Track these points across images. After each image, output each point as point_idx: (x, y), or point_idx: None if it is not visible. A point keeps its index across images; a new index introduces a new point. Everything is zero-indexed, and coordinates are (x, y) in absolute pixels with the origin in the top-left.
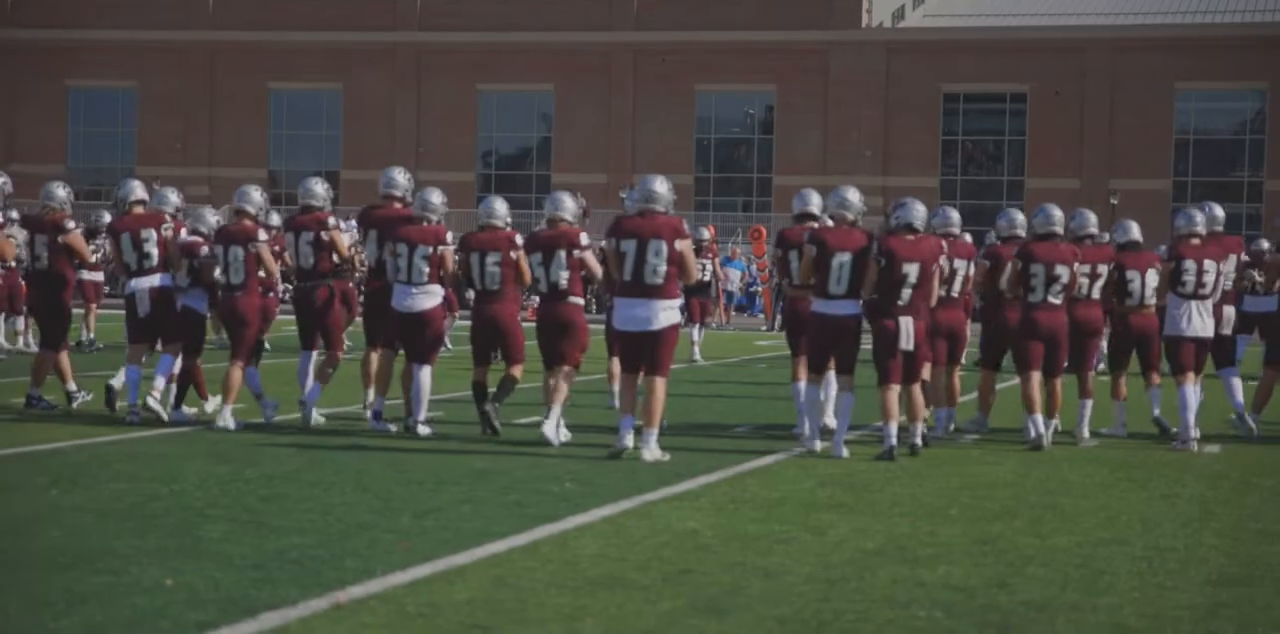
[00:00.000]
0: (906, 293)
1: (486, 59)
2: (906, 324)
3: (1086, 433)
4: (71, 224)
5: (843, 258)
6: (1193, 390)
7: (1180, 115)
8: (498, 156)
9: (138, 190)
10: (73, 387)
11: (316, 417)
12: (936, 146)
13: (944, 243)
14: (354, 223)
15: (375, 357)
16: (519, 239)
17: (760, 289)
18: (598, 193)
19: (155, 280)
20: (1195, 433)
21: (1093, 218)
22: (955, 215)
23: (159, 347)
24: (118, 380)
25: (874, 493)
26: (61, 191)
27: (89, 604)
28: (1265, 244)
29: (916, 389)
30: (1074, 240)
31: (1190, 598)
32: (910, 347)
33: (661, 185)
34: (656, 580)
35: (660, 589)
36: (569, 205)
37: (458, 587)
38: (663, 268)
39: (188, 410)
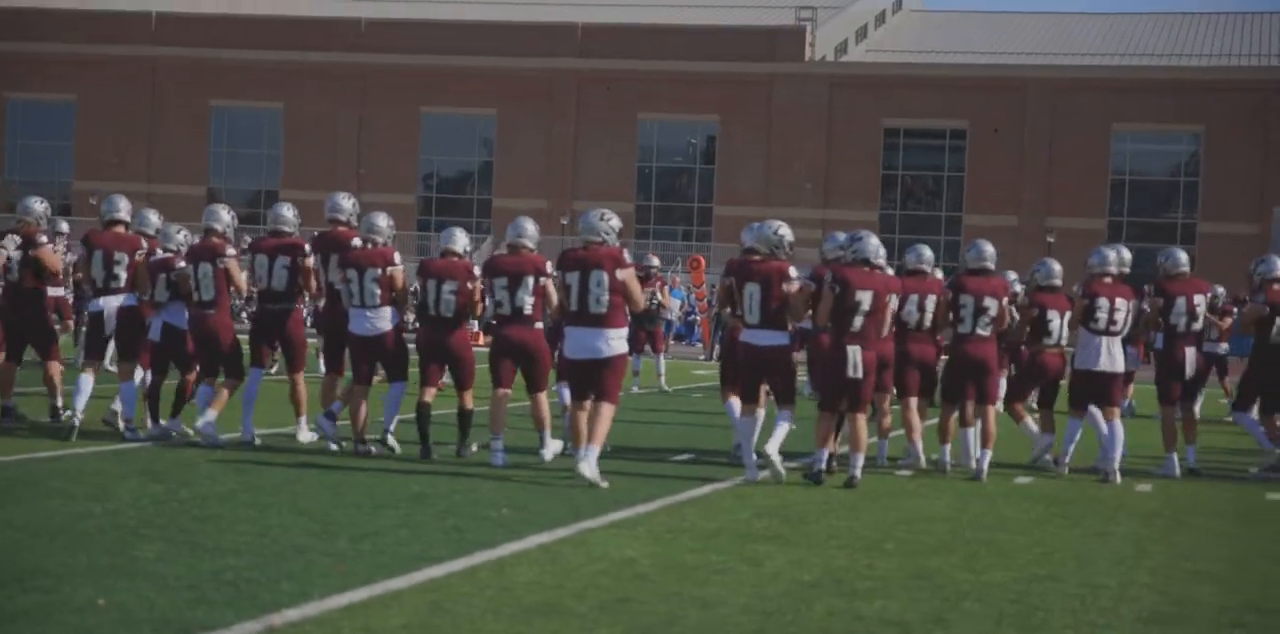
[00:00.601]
0: (859, 321)
1: (430, 82)
2: (854, 353)
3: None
4: (44, 238)
5: (752, 288)
6: (1117, 423)
7: (1116, 156)
8: (439, 179)
9: (121, 209)
10: (59, 402)
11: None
12: (877, 180)
13: (895, 279)
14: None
15: (335, 381)
16: (477, 270)
17: (699, 318)
18: (539, 219)
19: (121, 299)
20: (1114, 464)
21: (1183, 256)
22: (928, 252)
23: (108, 364)
24: (118, 404)
25: (810, 525)
26: (39, 206)
27: (19, 623)
28: (1220, 290)
29: (860, 419)
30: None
31: None
32: (858, 375)
33: (599, 218)
34: (593, 608)
35: (597, 617)
36: (531, 231)
37: (394, 611)
38: (605, 297)
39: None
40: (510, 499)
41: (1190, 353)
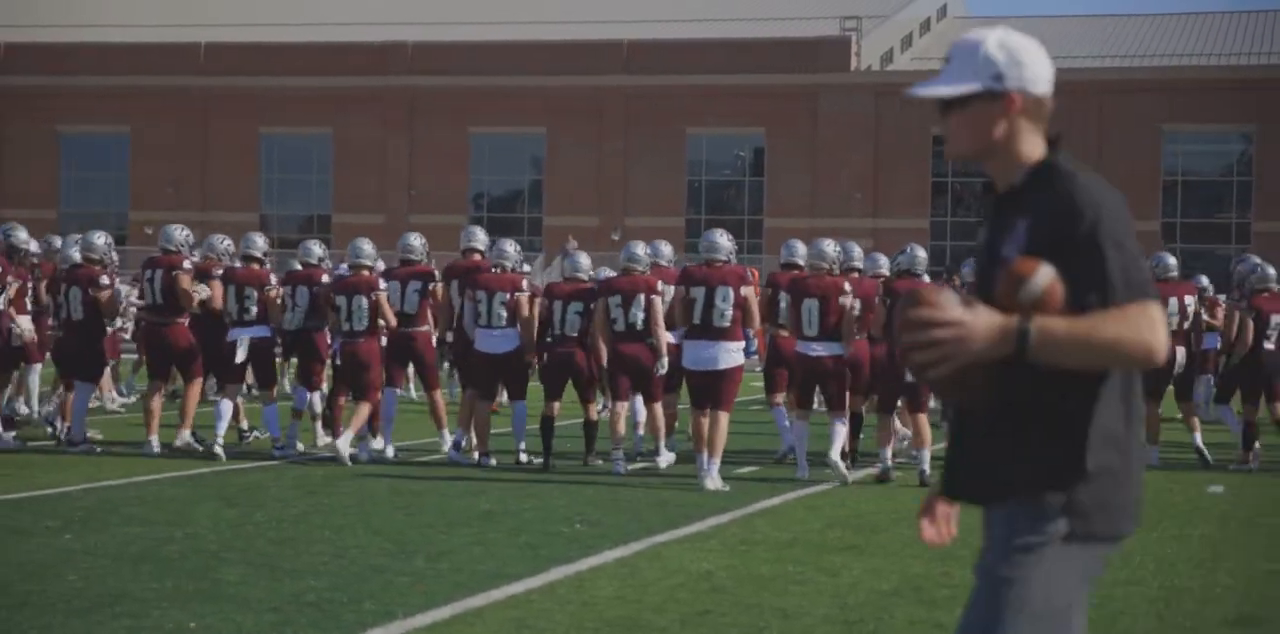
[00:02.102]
0: None
1: (477, 103)
2: None
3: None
4: (106, 279)
5: (811, 303)
6: None
7: (1168, 157)
8: (489, 199)
9: (256, 246)
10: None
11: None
12: (926, 188)
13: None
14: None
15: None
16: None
17: (753, 330)
18: (590, 236)
19: (254, 331)
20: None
21: (1171, 260)
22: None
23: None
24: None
25: (883, 534)
26: (100, 241)
27: None
28: (1204, 280)
29: (922, 417)
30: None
31: None
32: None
33: (722, 237)
34: (675, 622)
35: (679, 631)
36: (642, 255)
37: (477, 629)
38: (730, 312)
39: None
40: (581, 514)
41: (1180, 351)
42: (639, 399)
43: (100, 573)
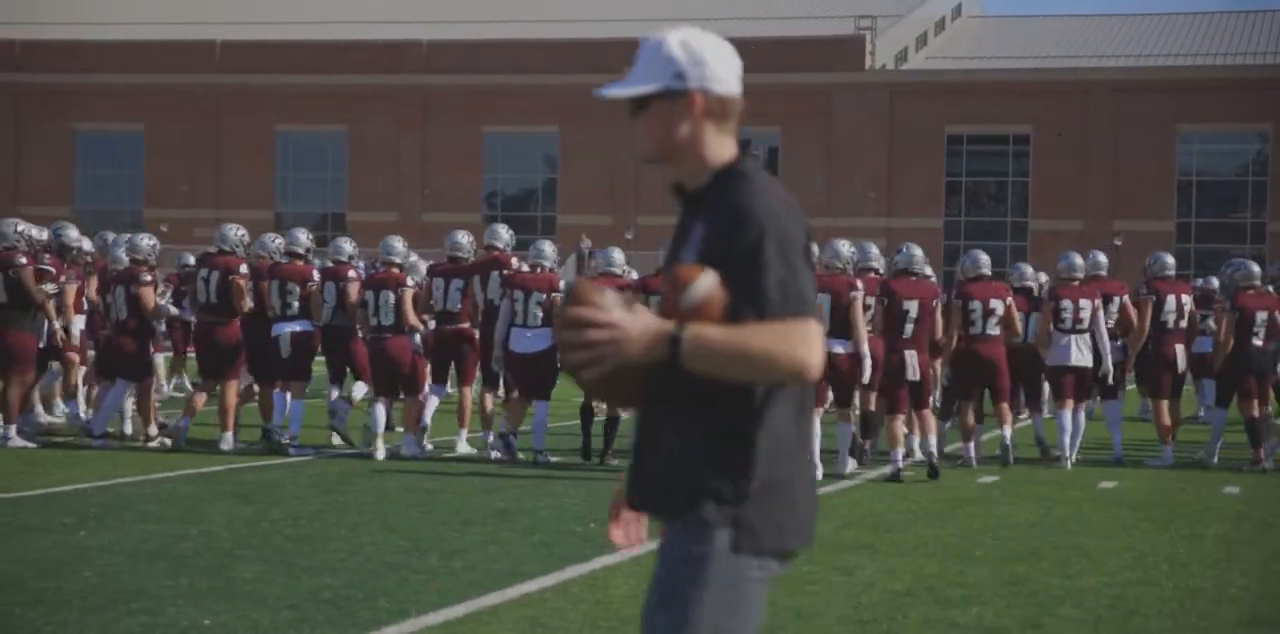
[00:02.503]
0: (909, 328)
1: (491, 101)
2: (911, 357)
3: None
4: (147, 277)
5: (821, 298)
6: (1069, 415)
7: (1182, 157)
8: (503, 198)
9: (301, 242)
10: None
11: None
12: (940, 188)
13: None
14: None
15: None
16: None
17: None
18: (604, 234)
19: (296, 325)
20: (1071, 454)
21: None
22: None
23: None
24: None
25: (898, 534)
26: (146, 242)
27: None
28: (1214, 282)
29: (927, 412)
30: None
31: None
32: (916, 377)
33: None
34: None
35: None
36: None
37: (492, 627)
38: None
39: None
40: (595, 513)
41: (1180, 349)
42: None
43: (115, 570)
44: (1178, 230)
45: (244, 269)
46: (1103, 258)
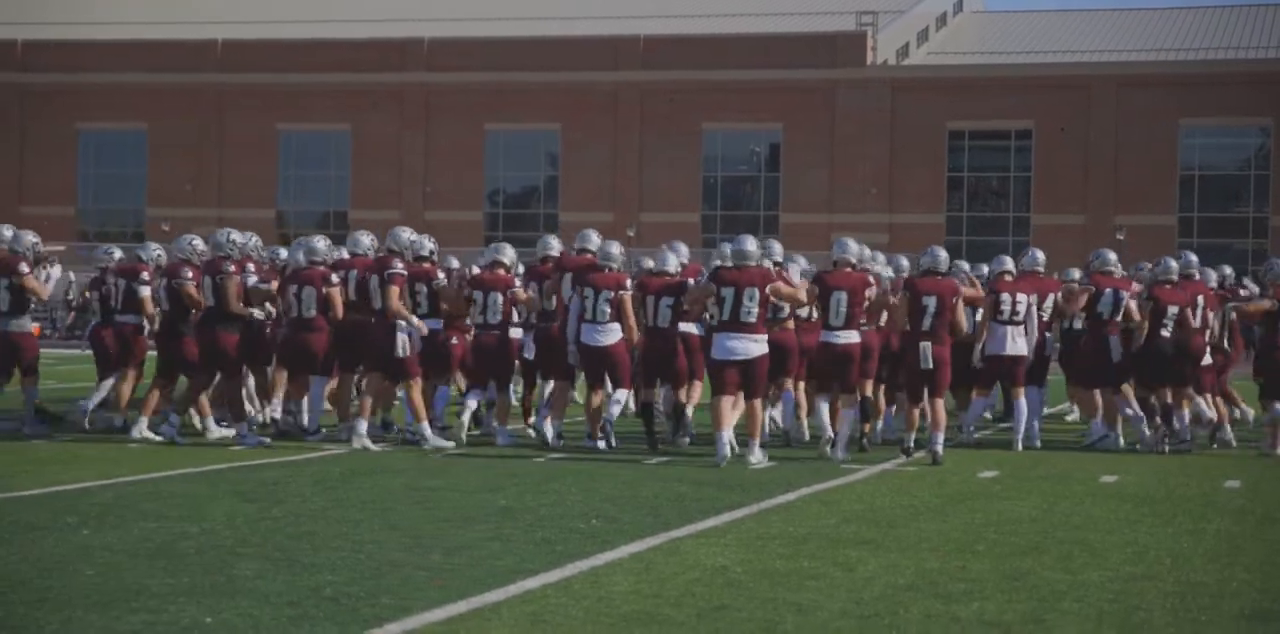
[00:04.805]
0: (927, 321)
1: (493, 99)
2: (925, 348)
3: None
4: (189, 273)
5: (840, 295)
6: (1023, 400)
7: (1185, 151)
8: (505, 196)
9: (363, 245)
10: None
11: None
12: (942, 183)
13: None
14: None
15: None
16: (628, 282)
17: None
18: (605, 232)
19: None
20: (1019, 438)
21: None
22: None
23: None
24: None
25: (899, 529)
26: (322, 244)
27: None
28: (1228, 270)
29: (939, 403)
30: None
31: (1226, 633)
32: (930, 366)
33: (751, 245)
34: (691, 616)
35: (695, 625)
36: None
37: (494, 624)
38: (755, 309)
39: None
40: (597, 511)
41: (1114, 340)
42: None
43: (117, 568)
44: (1180, 225)
45: (335, 279)
46: (1040, 255)
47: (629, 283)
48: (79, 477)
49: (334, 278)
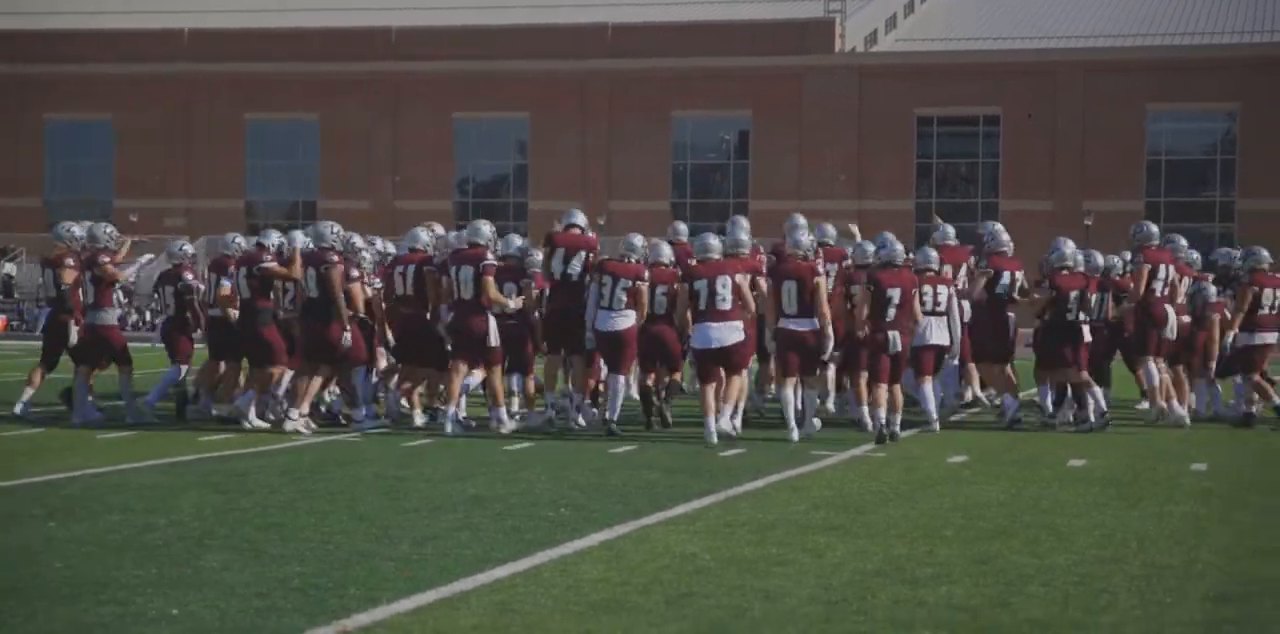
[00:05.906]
0: (891, 312)
1: (462, 88)
2: (894, 336)
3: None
4: (269, 260)
5: (790, 285)
6: (929, 387)
7: (1152, 136)
8: (475, 185)
9: (420, 241)
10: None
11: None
12: (911, 170)
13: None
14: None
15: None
16: (646, 273)
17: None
18: None
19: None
20: (935, 420)
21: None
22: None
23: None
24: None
25: (868, 514)
26: (330, 231)
27: None
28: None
29: (897, 388)
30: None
31: (1190, 615)
32: (898, 350)
33: (714, 239)
34: (659, 604)
35: (664, 612)
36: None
37: (462, 613)
38: (729, 298)
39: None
40: (567, 499)
41: (1010, 318)
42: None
43: (85, 560)
44: (1147, 209)
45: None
46: (933, 253)
47: (647, 274)
48: (47, 468)
49: (353, 273)
